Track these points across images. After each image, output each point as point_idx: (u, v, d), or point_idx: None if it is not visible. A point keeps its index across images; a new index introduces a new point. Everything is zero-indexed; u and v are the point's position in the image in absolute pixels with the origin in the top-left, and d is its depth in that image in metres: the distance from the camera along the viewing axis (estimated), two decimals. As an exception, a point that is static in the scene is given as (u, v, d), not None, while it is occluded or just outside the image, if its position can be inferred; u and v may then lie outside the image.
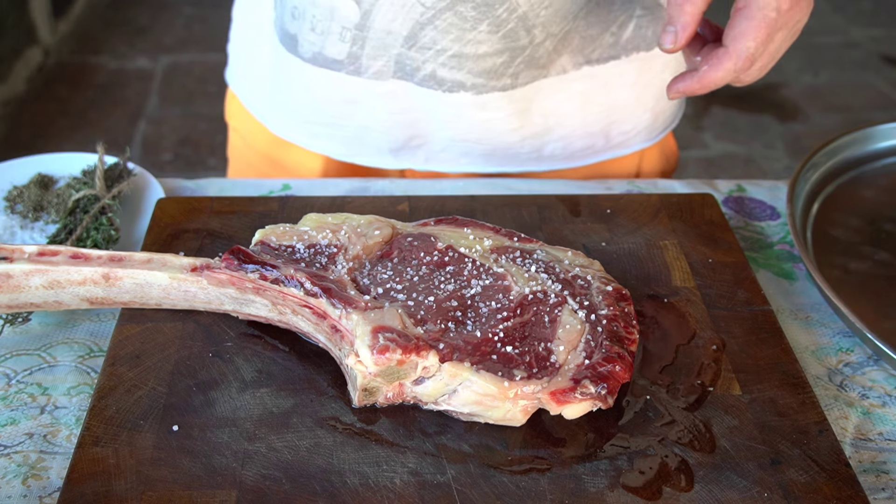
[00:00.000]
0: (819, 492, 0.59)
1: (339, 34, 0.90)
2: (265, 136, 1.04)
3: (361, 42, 0.89)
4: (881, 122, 0.95)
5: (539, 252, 0.72)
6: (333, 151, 1.00)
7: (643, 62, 0.96)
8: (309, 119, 0.99)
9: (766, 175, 2.73)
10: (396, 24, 0.87)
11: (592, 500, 0.58)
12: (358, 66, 0.91)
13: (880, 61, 3.37)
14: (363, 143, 0.98)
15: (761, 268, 0.83)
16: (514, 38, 0.87)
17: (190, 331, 0.70)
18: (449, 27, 0.86)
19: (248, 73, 1.06)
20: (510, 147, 0.97)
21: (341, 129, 0.98)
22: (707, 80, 0.73)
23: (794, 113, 3.05)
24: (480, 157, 0.98)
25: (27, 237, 0.83)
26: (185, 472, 0.59)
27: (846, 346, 0.75)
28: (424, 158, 0.99)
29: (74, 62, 3.14)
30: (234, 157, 1.15)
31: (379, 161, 0.99)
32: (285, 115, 1.01)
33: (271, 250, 0.69)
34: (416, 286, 0.68)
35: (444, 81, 0.90)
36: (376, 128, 0.96)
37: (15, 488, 0.61)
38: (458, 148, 0.97)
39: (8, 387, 0.68)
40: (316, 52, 0.92)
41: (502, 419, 0.62)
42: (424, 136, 0.97)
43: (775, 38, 0.72)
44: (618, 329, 0.66)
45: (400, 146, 0.98)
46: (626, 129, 1.00)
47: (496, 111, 0.93)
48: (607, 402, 0.62)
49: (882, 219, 0.89)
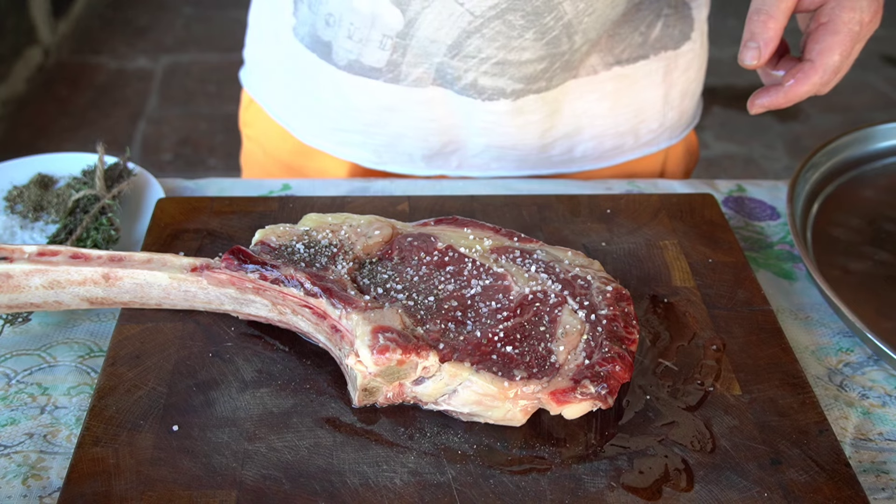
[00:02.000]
0: (819, 492, 0.59)
1: (378, 42, 0.89)
2: (287, 143, 1.03)
3: (403, 50, 0.88)
4: (881, 122, 0.95)
5: (539, 252, 0.72)
6: (363, 159, 0.99)
7: (670, 61, 0.97)
8: (339, 126, 0.97)
9: (766, 175, 2.73)
10: (442, 33, 0.86)
11: (592, 500, 0.58)
12: (397, 73, 0.91)
13: (880, 61, 3.37)
14: (396, 150, 0.97)
15: (761, 268, 0.83)
16: (556, 45, 0.87)
17: (190, 331, 0.70)
18: (496, 35, 0.86)
19: (269, 78, 1.04)
20: (543, 150, 0.97)
21: (374, 137, 0.97)
22: (794, 94, 0.74)
23: (794, 113, 3.05)
24: (513, 161, 0.98)
25: (27, 237, 0.83)
26: (185, 472, 0.59)
27: (846, 346, 0.75)
28: (457, 164, 0.99)
29: (74, 62, 3.14)
30: (249, 164, 1.14)
31: (411, 168, 0.99)
32: (312, 121, 0.99)
33: (271, 250, 0.69)
34: (416, 286, 0.68)
35: (484, 90, 0.90)
36: (411, 135, 0.95)
37: (15, 488, 0.61)
38: (492, 153, 0.97)
39: (8, 387, 0.68)
40: (352, 59, 0.91)
41: (502, 419, 0.62)
42: (459, 143, 0.96)
43: (856, 49, 0.74)
44: (618, 329, 0.66)
45: (434, 153, 0.97)
46: (654, 127, 1.01)
47: (531, 114, 0.93)
48: (607, 402, 0.62)
49: (882, 219, 0.89)
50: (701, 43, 1.01)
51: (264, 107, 1.05)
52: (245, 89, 1.09)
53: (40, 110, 2.85)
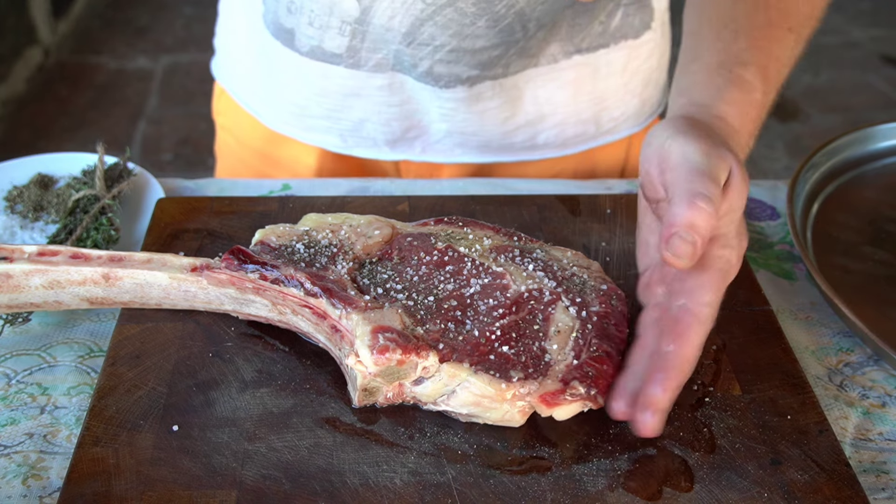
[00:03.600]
0: (819, 492, 0.59)
1: (338, 28, 0.90)
2: (258, 132, 1.05)
3: (361, 36, 0.90)
4: (881, 122, 0.95)
5: (538, 251, 0.72)
6: (330, 144, 1.01)
7: (631, 50, 0.98)
8: (305, 112, 0.99)
9: (766, 175, 2.73)
10: (396, 21, 0.87)
11: (592, 500, 0.58)
12: (357, 59, 0.92)
13: (880, 61, 3.37)
14: (360, 135, 0.99)
15: (761, 268, 0.83)
16: (510, 33, 0.88)
17: (190, 331, 0.70)
18: (448, 23, 0.86)
19: (237, 67, 1.06)
20: (505, 137, 0.98)
21: (339, 122, 0.99)
22: (684, 368, 0.60)
23: (794, 113, 3.05)
24: (476, 148, 0.99)
25: (27, 237, 0.83)
26: (185, 472, 0.59)
27: (846, 346, 0.75)
28: (421, 149, 1.00)
29: (74, 62, 3.14)
30: (224, 155, 1.15)
31: (376, 153, 1.00)
32: (280, 108, 1.01)
33: (271, 250, 0.69)
34: (416, 286, 0.68)
35: (440, 77, 0.91)
36: (374, 119, 0.97)
37: (15, 488, 0.61)
38: (454, 139, 0.98)
39: (8, 387, 0.68)
40: (314, 45, 0.93)
41: (501, 420, 0.62)
42: (421, 128, 0.98)
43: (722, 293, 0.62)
44: (608, 326, 0.66)
45: (397, 138, 0.99)
46: (616, 115, 1.02)
47: (489, 101, 0.94)
48: (597, 402, 0.62)
49: (882, 219, 0.89)
50: (662, 33, 1.02)
51: (233, 95, 1.07)
52: (218, 81, 1.11)
53: (40, 110, 2.85)
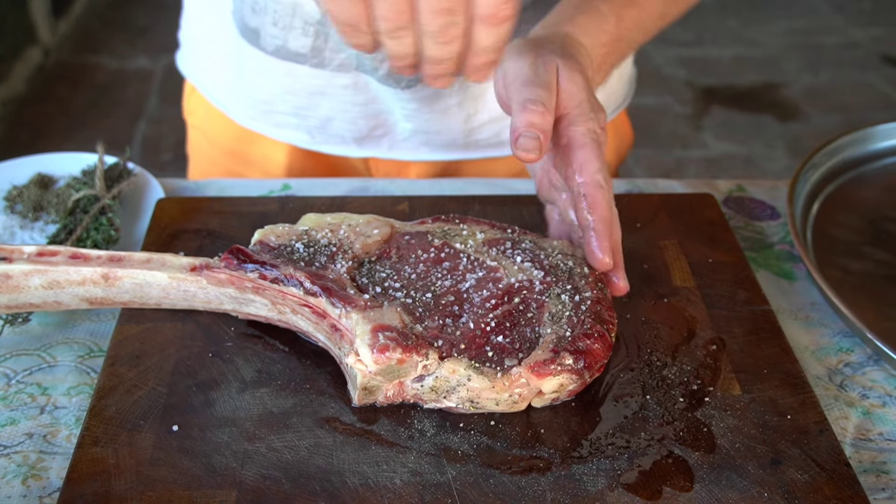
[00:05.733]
0: (819, 492, 0.59)
1: (301, 28, 0.92)
2: (228, 130, 1.05)
3: (324, 36, 0.91)
4: (881, 122, 0.95)
5: (526, 242, 0.73)
6: (299, 140, 1.02)
7: None
8: (273, 109, 1.00)
9: (766, 175, 2.73)
10: None
11: (592, 500, 0.58)
12: (321, 59, 0.93)
13: (880, 61, 3.37)
14: (328, 132, 1.00)
15: (761, 268, 0.83)
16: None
17: (190, 331, 0.70)
18: None
19: (206, 63, 1.06)
20: (470, 134, 0.99)
21: (306, 119, 1.00)
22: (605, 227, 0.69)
23: (794, 113, 3.05)
24: (441, 146, 1.00)
25: (27, 237, 0.83)
26: (185, 472, 0.59)
27: (846, 346, 0.75)
28: (388, 147, 1.01)
29: (74, 62, 3.14)
30: (196, 155, 1.16)
31: (344, 150, 1.01)
32: (249, 105, 1.02)
33: (270, 250, 0.69)
34: (414, 284, 0.68)
35: (401, 79, 0.92)
36: (341, 118, 0.98)
37: (15, 488, 0.61)
38: (420, 138, 0.99)
39: (8, 387, 0.68)
40: (279, 45, 0.94)
41: (502, 409, 0.63)
42: (387, 127, 0.99)
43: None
44: (601, 311, 0.66)
45: (364, 135, 1.00)
46: None
47: (450, 98, 0.95)
48: (584, 377, 0.62)
49: (882, 219, 0.89)
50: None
51: (202, 90, 1.07)
52: (185, 76, 1.11)
53: (40, 110, 2.85)
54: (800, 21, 3.65)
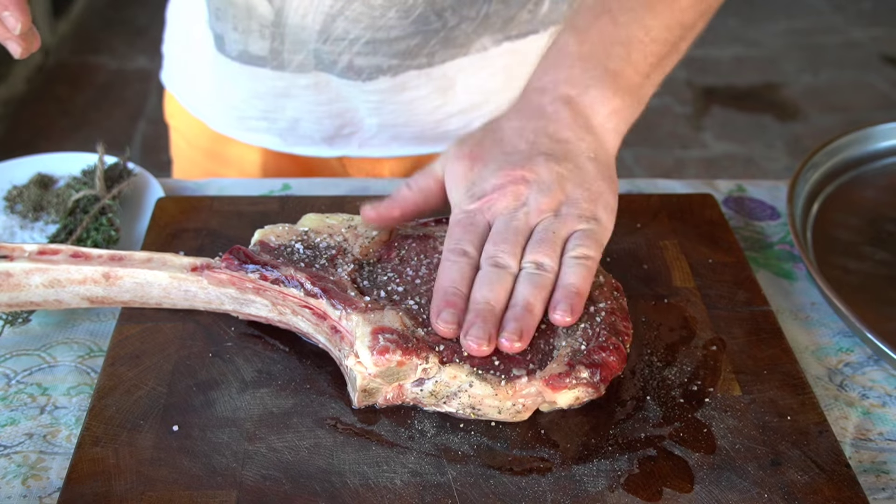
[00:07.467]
0: (819, 492, 0.59)
1: (258, 32, 0.93)
2: (205, 134, 1.07)
3: (280, 38, 0.92)
4: (881, 122, 0.95)
5: None
6: (271, 143, 1.03)
7: None
8: (244, 114, 1.01)
9: (766, 175, 2.73)
10: (309, 20, 0.89)
11: (592, 500, 0.58)
12: (281, 61, 0.94)
13: (880, 61, 3.37)
14: (297, 134, 1.01)
15: (761, 268, 0.83)
16: (425, 23, 0.89)
17: (190, 331, 0.70)
18: (359, 16, 0.88)
19: (184, 74, 1.08)
20: (437, 125, 0.99)
21: (275, 122, 1.01)
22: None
23: (794, 113, 3.05)
24: (410, 140, 1.00)
25: (27, 237, 0.83)
26: (185, 472, 0.59)
27: (846, 346, 0.75)
28: (358, 145, 1.02)
29: (74, 62, 3.14)
30: (178, 156, 1.18)
31: (316, 150, 1.02)
32: (222, 111, 1.03)
33: (270, 250, 0.69)
34: (417, 287, 0.68)
35: (362, 70, 0.92)
36: (307, 118, 0.99)
37: (15, 488, 0.61)
38: (388, 133, 0.99)
39: (8, 387, 0.68)
40: (241, 49, 0.96)
41: (504, 417, 0.62)
42: (354, 125, 1.00)
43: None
44: (615, 321, 0.66)
45: (332, 135, 1.01)
46: None
47: (416, 90, 0.95)
48: (600, 390, 0.62)
49: (882, 219, 0.89)
50: None
51: (181, 101, 1.09)
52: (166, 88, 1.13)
53: (40, 110, 2.85)
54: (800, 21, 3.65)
